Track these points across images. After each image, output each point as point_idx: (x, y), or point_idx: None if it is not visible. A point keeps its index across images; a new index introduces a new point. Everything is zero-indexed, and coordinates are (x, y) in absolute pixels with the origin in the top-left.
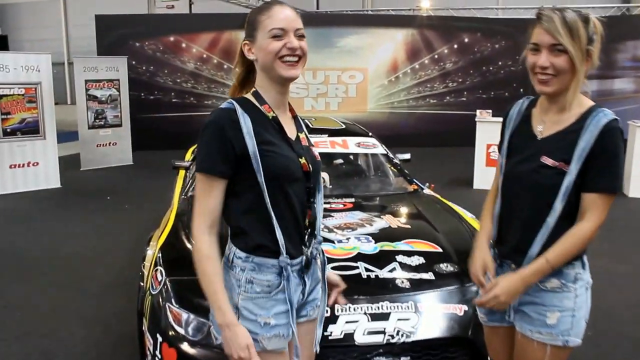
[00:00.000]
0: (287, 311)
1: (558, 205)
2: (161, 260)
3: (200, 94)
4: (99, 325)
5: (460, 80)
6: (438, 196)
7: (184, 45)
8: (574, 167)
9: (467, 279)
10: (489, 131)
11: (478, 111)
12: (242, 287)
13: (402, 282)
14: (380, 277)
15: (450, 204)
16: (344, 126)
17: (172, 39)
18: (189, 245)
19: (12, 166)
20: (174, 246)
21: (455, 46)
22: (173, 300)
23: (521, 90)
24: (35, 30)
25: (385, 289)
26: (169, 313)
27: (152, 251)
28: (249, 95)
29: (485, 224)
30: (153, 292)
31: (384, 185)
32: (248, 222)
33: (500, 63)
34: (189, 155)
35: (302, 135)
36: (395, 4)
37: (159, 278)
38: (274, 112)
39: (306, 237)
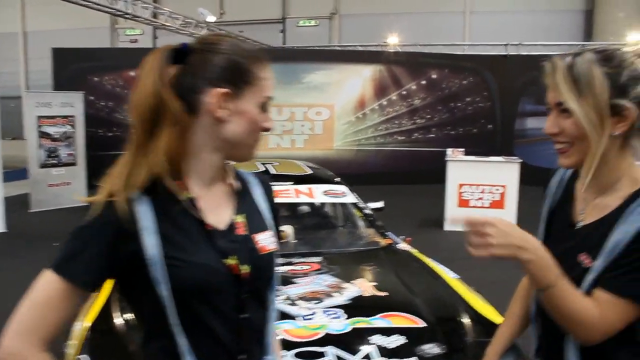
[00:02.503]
0: None
1: None
2: (88, 348)
3: None
4: None
5: (428, 116)
6: (415, 252)
7: None
8: (600, 263)
9: None
10: (461, 170)
11: (449, 150)
12: None
13: None
14: None
15: (429, 261)
16: (310, 172)
17: (132, 73)
18: (135, 336)
19: None
20: (109, 327)
21: (423, 82)
22: None
23: (489, 126)
24: None
25: None
26: None
27: (79, 329)
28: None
29: (503, 326)
30: None
31: (355, 239)
32: (150, 354)
33: (468, 99)
34: None
35: (240, 219)
36: (363, 40)
37: None
38: (190, 192)
39: None
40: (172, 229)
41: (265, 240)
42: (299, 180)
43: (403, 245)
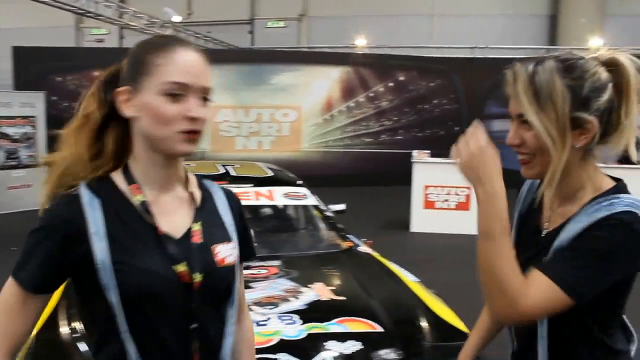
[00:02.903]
0: None
1: None
2: (29, 356)
3: None
4: None
5: (395, 118)
6: (376, 255)
7: None
8: (547, 258)
9: None
10: (426, 172)
11: (415, 152)
12: None
13: None
14: None
15: (389, 264)
16: (271, 174)
17: (97, 73)
18: (81, 346)
19: None
20: (54, 337)
21: (391, 84)
22: None
23: (456, 128)
24: None
25: None
26: None
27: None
28: (115, 174)
29: (473, 335)
30: None
31: (315, 242)
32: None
33: (435, 101)
34: None
35: (196, 228)
36: (331, 42)
37: None
38: (143, 195)
39: None
40: (123, 233)
41: (225, 252)
42: (260, 182)
43: (364, 248)
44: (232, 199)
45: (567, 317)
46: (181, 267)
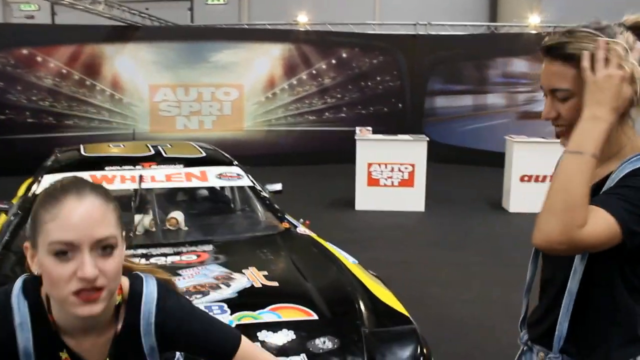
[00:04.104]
0: None
1: (578, 266)
2: None
3: (59, 113)
4: None
5: (339, 96)
6: (314, 236)
7: (39, 59)
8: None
9: (350, 357)
10: (369, 149)
11: (357, 128)
12: None
13: None
14: None
15: (328, 245)
16: (203, 154)
17: (25, 51)
18: None
19: None
20: None
21: (334, 61)
22: None
23: (400, 105)
24: None
25: None
26: None
27: None
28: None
29: None
30: None
31: (250, 224)
32: None
33: (378, 78)
34: (21, 191)
35: None
36: (272, 18)
37: None
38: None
39: None
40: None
41: None
42: (192, 162)
43: (302, 229)
44: (165, 316)
45: (600, 276)
46: None
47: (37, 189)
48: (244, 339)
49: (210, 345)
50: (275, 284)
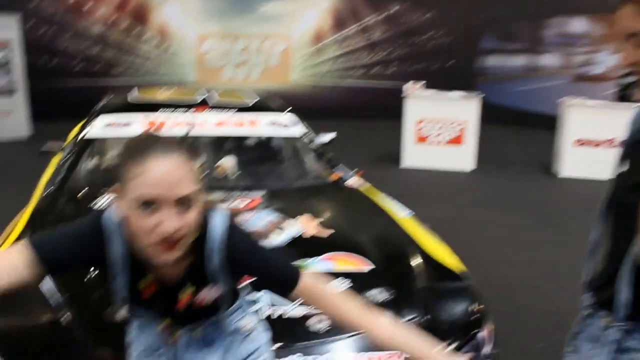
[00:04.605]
0: None
1: None
2: None
3: (108, 61)
4: None
5: (387, 51)
6: (366, 187)
7: (89, 6)
8: None
9: (406, 310)
10: (419, 106)
11: (408, 84)
12: (131, 346)
13: (319, 323)
14: (287, 316)
15: (380, 197)
16: (255, 101)
17: None
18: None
19: None
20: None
21: (384, 15)
22: None
23: (449, 63)
24: None
25: (296, 335)
26: None
27: None
28: None
29: None
30: None
31: (301, 173)
32: None
33: (429, 34)
34: (73, 133)
35: (182, 296)
36: None
37: None
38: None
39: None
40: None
41: (203, 295)
42: (243, 109)
43: (353, 181)
44: (229, 247)
45: None
46: (166, 322)
47: (90, 130)
48: (307, 273)
49: (271, 278)
50: (329, 232)
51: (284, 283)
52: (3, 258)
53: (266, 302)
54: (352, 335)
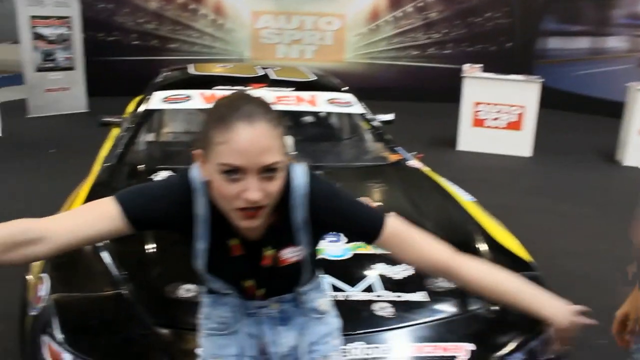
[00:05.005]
0: (238, 356)
1: None
2: (49, 264)
3: (163, 37)
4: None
5: (444, 31)
6: (426, 170)
7: None
8: None
9: (472, 299)
10: (477, 87)
11: (466, 65)
12: (202, 324)
13: (384, 308)
14: (351, 299)
15: (442, 181)
16: (314, 78)
17: None
18: (103, 256)
19: None
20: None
21: None
22: (55, 332)
23: (508, 44)
24: None
25: (358, 321)
26: (46, 351)
27: None
28: None
29: None
30: (33, 313)
31: (361, 153)
32: None
33: (488, 14)
34: (131, 107)
35: (267, 253)
36: None
37: (41, 291)
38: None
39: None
40: (218, 234)
41: (288, 255)
42: (302, 86)
43: (414, 162)
44: (312, 197)
45: None
46: (249, 283)
47: (149, 105)
48: (393, 219)
49: (357, 224)
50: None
51: (370, 228)
52: (89, 210)
53: (329, 283)
54: (417, 324)
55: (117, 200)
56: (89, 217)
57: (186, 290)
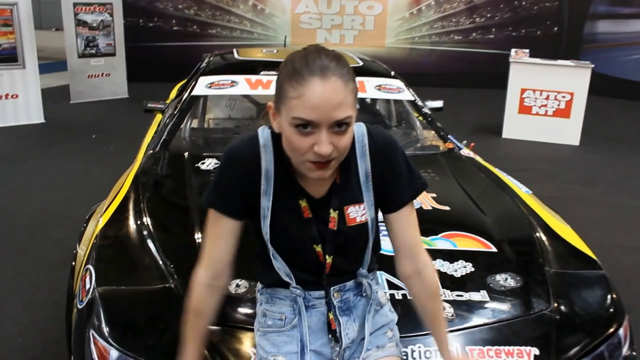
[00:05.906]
0: (299, 352)
1: None
2: (94, 255)
3: (203, 22)
4: (46, 309)
5: (488, 15)
6: (480, 160)
7: None
8: None
9: (534, 299)
10: (524, 73)
11: (513, 50)
12: (259, 322)
13: (443, 308)
14: (409, 298)
15: (497, 171)
16: (361, 63)
17: None
18: (150, 244)
19: None
20: (120, 231)
21: None
22: (101, 327)
23: (555, 28)
24: None
25: (415, 323)
26: (92, 346)
27: (90, 235)
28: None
29: None
30: (79, 306)
31: (411, 142)
32: (258, 249)
33: None
34: (173, 93)
35: (333, 215)
36: None
37: (88, 284)
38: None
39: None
40: (282, 195)
41: (355, 213)
42: None
43: (466, 152)
44: (373, 146)
45: None
46: (318, 248)
47: (194, 90)
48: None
49: (400, 184)
50: (447, 208)
51: (410, 191)
52: (217, 236)
53: (384, 279)
54: (477, 326)
55: (212, 208)
56: (222, 241)
57: (236, 285)
